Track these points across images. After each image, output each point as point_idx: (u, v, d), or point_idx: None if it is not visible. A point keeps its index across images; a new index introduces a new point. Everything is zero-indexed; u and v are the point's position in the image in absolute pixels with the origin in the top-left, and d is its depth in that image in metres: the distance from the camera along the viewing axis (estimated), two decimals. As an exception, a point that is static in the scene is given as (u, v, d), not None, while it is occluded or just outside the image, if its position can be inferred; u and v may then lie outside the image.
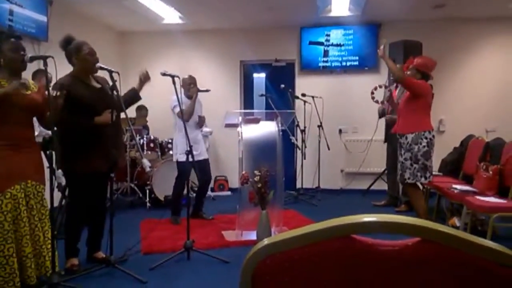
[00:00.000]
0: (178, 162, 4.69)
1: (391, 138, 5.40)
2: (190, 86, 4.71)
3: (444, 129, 6.51)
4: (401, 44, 5.82)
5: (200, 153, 4.73)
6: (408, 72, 4.29)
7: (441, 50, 6.35)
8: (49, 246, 2.79)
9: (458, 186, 4.14)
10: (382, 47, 4.24)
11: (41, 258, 2.75)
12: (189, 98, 4.70)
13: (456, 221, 4.21)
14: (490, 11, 6.07)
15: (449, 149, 5.37)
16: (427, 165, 4.09)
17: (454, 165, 5.11)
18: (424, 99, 4.13)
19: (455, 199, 4.05)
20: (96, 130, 3.12)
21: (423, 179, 4.12)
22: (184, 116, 3.82)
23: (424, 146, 4.08)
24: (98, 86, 3.25)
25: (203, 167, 4.79)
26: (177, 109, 4.17)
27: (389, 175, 5.66)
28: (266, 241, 0.73)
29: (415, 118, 4.13)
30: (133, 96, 3.46)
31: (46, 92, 2.67)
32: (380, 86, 5.60)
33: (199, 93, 4.77)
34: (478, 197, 3.73)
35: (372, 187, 6.40)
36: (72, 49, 3.15)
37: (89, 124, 3.09)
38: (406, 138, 4.17)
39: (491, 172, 4.00)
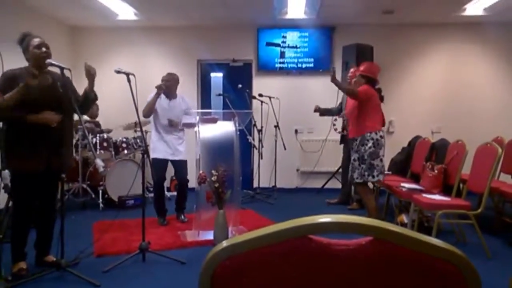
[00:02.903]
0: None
1: (346, 138, 5.58)
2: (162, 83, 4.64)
3: (393, 130, 6.81)
4: (354, 47, 6.02)
5: (174, 153, 4.65)
6: (355, 79, 4.50)
7: (391, 54, 6.65)
8: None
9: (406, 185, 4.35)
10: (332, 73, 4.33)
11: None
12: (167, 97, 4.66)
13: (404, 217, 4.42)
14: (436, 18, 6.42)
15: (398, 149, 5.64)
16: (374, 164, 4.26)
17: (402, 165, 5.36)
18: (369, 102, 4.31)
19: (404, 197, 4.26)
20: (31, 128, 2.98)
21: (370, 177, 4.29)
22: (142, 112, 3.74)
23: (370, 147, 4.26)
24: (48, 82, 3.11)
25: (178, 168, 4.72)
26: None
27: (343, 174, 5.85)
28: (225, 243, 0.75)
29: (360, 121, 4.34)
30: (87, 97, 3.31)
31: None
32: (340, 117, 5.81)
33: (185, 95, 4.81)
34: (424, 195, 3.94)
35: (326, 186, 6.58)
36: (24, 44, 3.07)
37: (23, 120, 2.94)
38: (356, 140, 4.37)
39: (436, 171, 4.24)
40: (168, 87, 4.61)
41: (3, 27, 4.84)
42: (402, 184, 4.37)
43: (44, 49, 3.05)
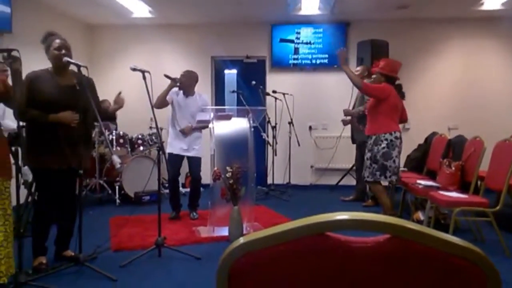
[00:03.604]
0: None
1: (358, 135, 5.54)
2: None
3: (409, 127, 6.73)
4: (369, 43, 5.97)
5: (188, 149, 4.68)
6: (374, 76, 4.45)
7: (406, 50, 6.57)
8: (9, 245, 2.68)
9: (423, 182, 4.31)
10: (340, 54, 4.26)
11: (2, 260, 2.60)
12: (184, 93, 4.71)
13: (420, 215, 4.38)
14: (452, 13, 6.31)
15: (414, 146, 5.57)
16: (387, 165, 4.23)
17: (418, 161, 5.30)
18: (385, 102, 4.26)
19: (420, 194, 4.21)
20: (53, 127, 3.05)
21: (382, 177, 4.28)
22: (154, 104, 3.79)
23: (383, 148, 4.22)
24: (71, 83, 3.16)
25: (191, 164, 4.77)
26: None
27: (358, 171, 5.81)
28: (242, 239, 0.75)
29: (376, 121, 4.30)
30: (106, 114, 3.49)
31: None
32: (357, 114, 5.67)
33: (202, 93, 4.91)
34: (441, 192, 3.90)
35: (341, 183, 6.55)
36: (46, 44, 3.13)
37: (45, 119, 3.02)
38: (370, 139, 4.35)
39: (453, 168, 4.19)
40: (184, 83, 4.63)
41: (22, 26, 4.93)
42: (418, 181, 4.33)
43: (63, 51, 3.10)
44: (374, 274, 0.69)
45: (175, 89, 4.61)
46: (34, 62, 3.14)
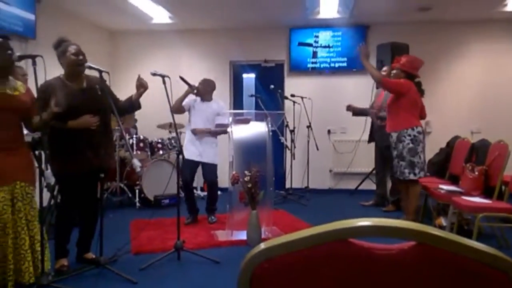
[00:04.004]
0: None
1: (377, 138, 5.47)
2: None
3: (430, 130, 6.62)
4: (389, 46, 5.89)
5: (202, 155, 4.68)
6: (394, 72, 4.40)
7: (427, 52, 6.44)
8: (38, 249, 2.74)
9: (445, 187, 4.22)
10: (362, 50, 4.29)
11: (25, 264, 2.66)
12: (201, 99, 4.74)
13: (442, 220, 4.29)
14: (475, 14, 6.18)
15: (436, 150, 5.47)
16: (414, 161, 4.17)
17: (440, 166, 5.20)
18: (405, 97, 4.22)
19: (442, 199, 4.13)
20: (74, 132, 3.09)
21: (412, 175, 4.21)
22: (171, 108, 3.82)
23: (408, 143, 4.17)
24: (83, 86, 3.20)
25: (206, 170, 4.79)
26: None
27: (377, 175, 5.74)
28: (263, 245, 0.75)
29: (398, 116, 4.25)
30: (130, 105, 3.40)
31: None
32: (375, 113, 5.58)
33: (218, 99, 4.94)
34: (464, 197, 3.81)
35: (360, 187, 6.47)
36: (60, 50, 3.14)
37: (63, 127, 3.05)
38: (392, 136, 4.29)
39: (476, 173, 4.09)
40: (200, 90, 4.67)
41: (46, 32, 5.05)
42: (441, 186, 4.24)
43: (81, 56, 3.13)
44: (399, 282, 0.68)
45: (193, 96, 4.65)
46: (57, 68, 3.20)
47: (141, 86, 3.29)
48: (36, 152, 3.38)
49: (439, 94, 6.59)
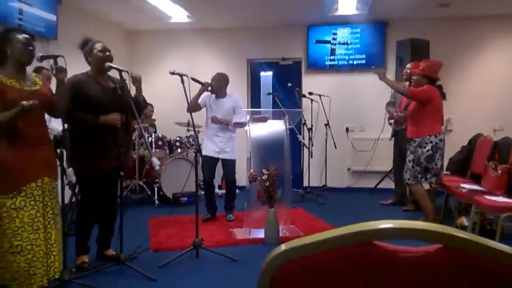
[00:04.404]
0: None
1: (398, 137, 5.40)
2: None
3: (452, 128, 6.49)
4: (409, 43, 5.80)
5: (221, 152, 4.69)
6: (415, 78, 4.34)
7: (448, 49, 6.33)
8: (60, 243, 2.80)
9: (467, 185, 4.13)
10: (376, 72, 4.35)
11: (51, 258, 2.71)
12: (216, 95, 4.73)
13: (464, 220, 4.20)
14: (497, 10, 6.02)
15: (457, 148, 5.36)
16: (429, 167, 4.13)
17: (461, 164, 5.10)
18: (429, 104, 4.17)
19: (464, 198, 4.05)
20: (101, 129, 3.15)
21: (423, 180, 4.18)
22: (187, 107, 3.83)
23: (428, 150, 4.13)
24: (110, 85, 3.27)
25: (225, 166, 4.80)
26: None
27: (396, 174, 5.66)
28: (283, 246, 0.74)
29: (422, 122, 4.21)
30: (137, 103, 3.41)
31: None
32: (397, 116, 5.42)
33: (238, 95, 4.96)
34: (487, 196, 3.72)
35: (379, 186, 6.40)
36: (87, 48, 3.23)
37: (95, 121, 3.12)
38: (414, 141, 4.25)
39: (499, 171, 3.99)
40: (214, 86, 4.67)
41: (67, 33, 5.14)
42: (462, 185, 4.15)
43: (107, 53, 3.22)
44: (424, 286, 0.66)
45: (208, 93, 4.65)
46: (78, 68, 3.25)
47: (136, 81, 3.26)
48: (58, 150, 3.45)
49: (460, 91, 6.45)
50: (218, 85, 4.71)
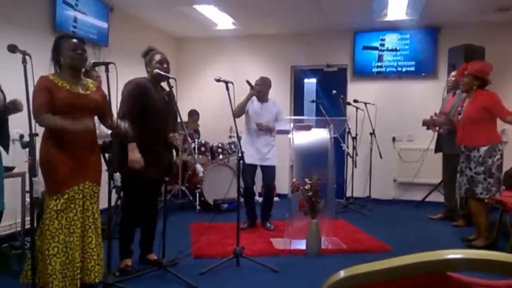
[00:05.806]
0: None
1: (444, 146, 5.13)
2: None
3: (507, 140, 6.10)
4: (462, 49, 5.54)
5: (262, 159, 4.66)
6: (465, 79, 4.09)
7: (505, 56, 5.97)
8: (100, 248, 2.83)
9: (526, 202, 3.84)
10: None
11: (92, 262, 2.74)
12: (258, 100, 4.72)
13: (522, 239, 3.90)
14: None
15: (513, 162, 5.02)
16: (500, 178, 3.88)
17: (519, 179, 4.77)
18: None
19: (522, 216, 3.76)
20: (155, 138, 3.19)
21: (498, 194, 3.91)
22: (234, 112, 3.82)
23: (498, 159, 3.87)
24: (165, 95, 3.33)
25: (265, 173, 4.75)
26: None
27: (446, 187, 5.37)
28: (342, 273, 0.68)
29: (486, 129, 3.92)
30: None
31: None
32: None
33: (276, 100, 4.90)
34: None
35: (427, 199, 6.11)
36: (147, 58, 3.32)
37: (131, 140, 3.07)
38: (478, 151, 3.94)
39: None
40: (260, 90, 4.65)
41: (118, 40, 5.31)
42: (521, 202, 3.87)
43: (165, 65, 3.28)
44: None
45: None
46: (129, 74, 3.33)
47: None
48: (106, 155, 3.55)
49: (518, 100, 6.06)
50: (265, 89, 4.70)
